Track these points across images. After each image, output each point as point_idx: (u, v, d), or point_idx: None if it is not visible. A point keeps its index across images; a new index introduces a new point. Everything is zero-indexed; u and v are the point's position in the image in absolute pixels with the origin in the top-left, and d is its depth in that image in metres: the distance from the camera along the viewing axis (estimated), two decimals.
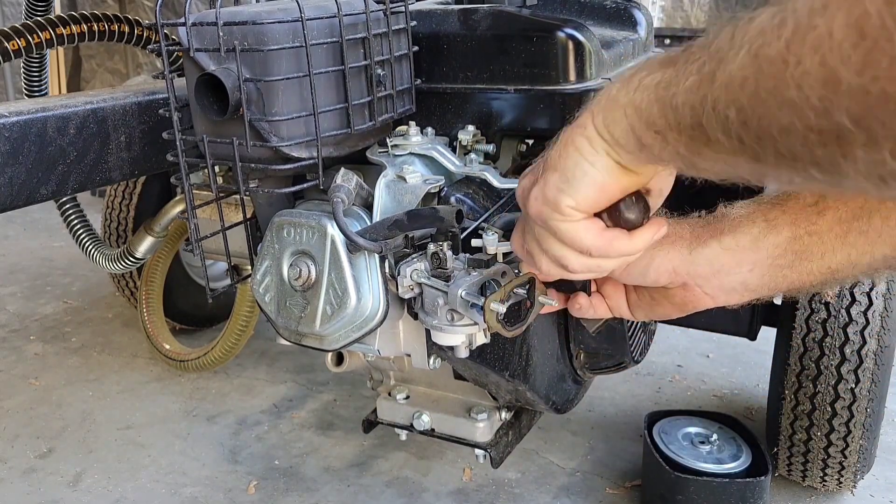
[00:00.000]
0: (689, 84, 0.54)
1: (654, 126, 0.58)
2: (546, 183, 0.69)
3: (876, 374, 1.56)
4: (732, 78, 0.49)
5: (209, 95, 0.99)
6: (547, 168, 0.69)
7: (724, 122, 0.50)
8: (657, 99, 0.58)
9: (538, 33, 1.11)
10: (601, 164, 0.65)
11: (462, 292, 0.92)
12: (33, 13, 1.69)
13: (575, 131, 0.67)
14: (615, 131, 0.63)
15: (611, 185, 0.67)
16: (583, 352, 1.31)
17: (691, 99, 0.53)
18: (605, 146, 0.64)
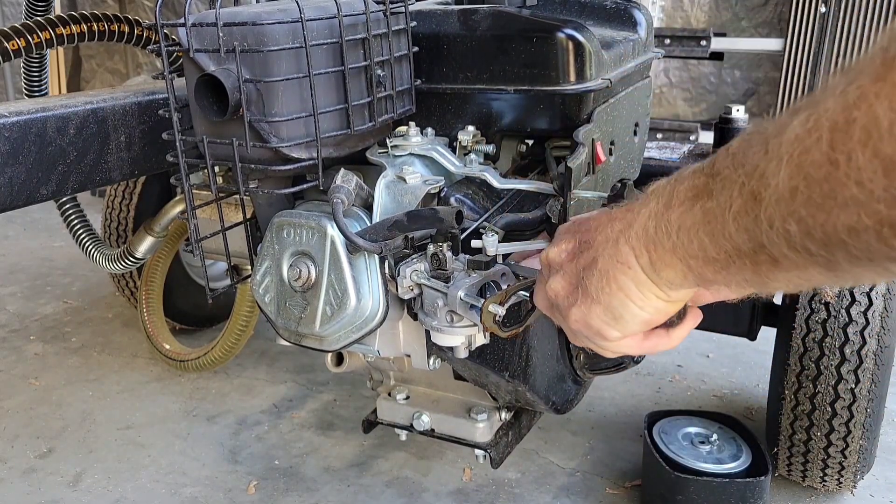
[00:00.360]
0: (735, 209, 0.52)
1: (713, 262, 0.57)
2: (589, 313, 0.68)
3: (876, 375, 1.56)
4: (781, 191, 0.48)
5: (209, 96, 0.99)
6: (588, 296, 0.68)
7: (787, 237, 0.49)
8: (707, 235, 0.56)
9: (538, 34, 1.11)
10: (651, 306, 0.65)
11: (461, 293, 0.92)
12: (33, 13, 1.69)
13: (617, 268, 0.65)
14: (668, 275, 0.62)
15: (660, 319, 0.67)
16: (582, 352, 1.31)
17: (744, 223, 0.52)
18: (656, 290, 0.64)
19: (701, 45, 3.11)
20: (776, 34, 3.19)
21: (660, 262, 0.61)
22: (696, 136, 3.30)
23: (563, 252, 0.73)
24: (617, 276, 0.65)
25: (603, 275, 0.66)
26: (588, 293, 0.68)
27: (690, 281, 0.61)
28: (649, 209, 0.62)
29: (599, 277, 0.66)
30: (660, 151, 1.93)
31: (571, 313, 0.70)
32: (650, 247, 0.62)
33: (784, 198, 0.47)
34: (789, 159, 0.46)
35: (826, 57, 3.07)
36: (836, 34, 2.94)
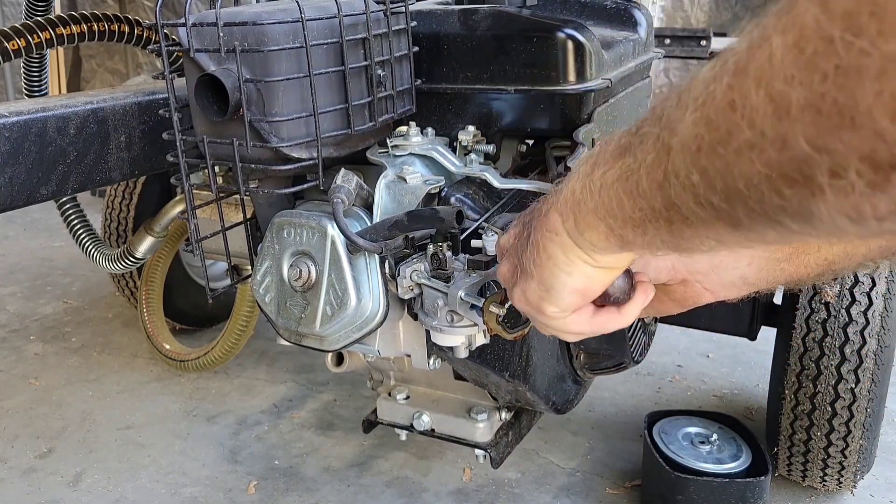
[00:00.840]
0: (648, 163, 0.51)
1: (631, 221, 0.56)
2: (527, 288, 0.68)
3: (876, 374, 1.56)
4: (686, 141, 0.47)
5: (209, 96, 1.00)
6: (524, 271, 0.68)
7: (693, 191, 0.48)
8: (625, 193, 0.55)
9: (538, 34, 1.11)
10: (579, 272, 0.64)
11: (462, 293, 0.92)
12: (33, 13, 1.69)
13: (546, 237, 0.64)
14: (591, 237, 0.61)
15: (592, 287, 0.66)
16: (583, 352, 1.31)
17: (655, 177, 0.51)
18: (581, 254, 0.63)
19: (701, 45, 3.11)
20: None
21: (583, 223, 0.60)
22: None
23: (510, 237, 0.73)
24: (546, 244, 0.64)
25: (535, 247, 0.66)
26: (525, 270, 0.68)
27: (613, 243, 0.60)
28: (578, 172, 0.61)
29: (532, 250, 0.66)
30: None
31: (514, 294, 0.70)
32: (575, 209, 0.61)
33: (688, 146, 0.47)
34: (695, 106, 0.45)
35: None
36: None
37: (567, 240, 0.63)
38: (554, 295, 0.66)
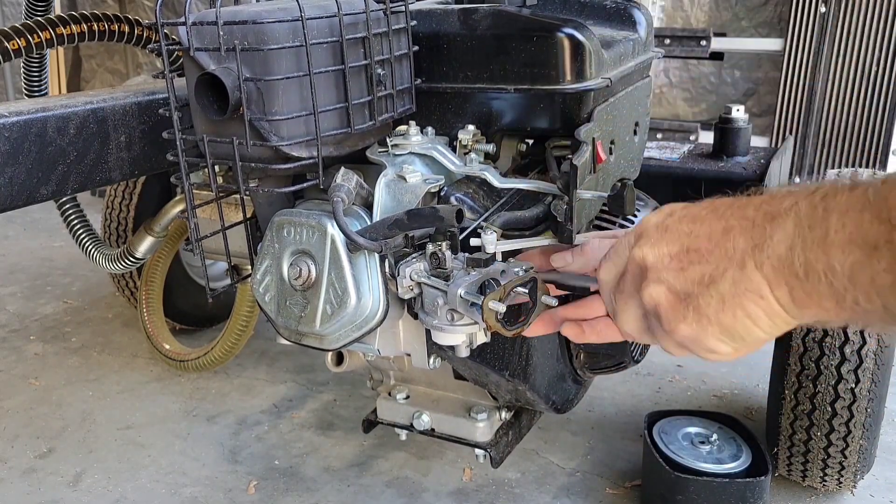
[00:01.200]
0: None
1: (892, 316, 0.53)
2: (704, 333, 0.64)
3: (876, 374, 1.56)
4: None
5: (209, 95, 0.99)
6: (702, 315, 0.63)
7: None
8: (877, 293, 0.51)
9: (538, 33, 1.11)
10: (778, 331, 0.61)
11: (461, 291, 0.92)
12: (33, 13, 1.69)
13: (745, 296, 0.59)
14: (815, 314, 0.57)
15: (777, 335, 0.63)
16: (583, 352, 1.31)
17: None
18: (791, 321, 0.59)
19: (701, 45, 3.11)
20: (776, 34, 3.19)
21: (808, 302, 0.56)
22: (696, 136, 3.30)
23: (664, 257, 0.66)
24: (744, 303, 0.60)
25: (725, 299, 0.61)
26: (702, 313, 0.63)
27: (843, 319, 0.56)
28: (787, 235, 0.56)
29: (720, 300, 0.61)
30: (660, 151, 1.93)
31: (679, 329, 0.65)
32: (794, 284, 0.56)
33: None
34: None
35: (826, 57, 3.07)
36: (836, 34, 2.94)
37: (776, 307, 0.59)
38: (740, 344, 0.64)
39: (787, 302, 0.58)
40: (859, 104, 3.05)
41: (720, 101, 3.42)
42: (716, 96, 3.47)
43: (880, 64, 2.97)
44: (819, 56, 3.08)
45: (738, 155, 1.89)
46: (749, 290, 0.59)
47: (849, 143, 3.08)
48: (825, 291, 0.54)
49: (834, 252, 0.53)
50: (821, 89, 3.11)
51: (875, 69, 2.98)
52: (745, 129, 1.89)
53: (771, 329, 0.61)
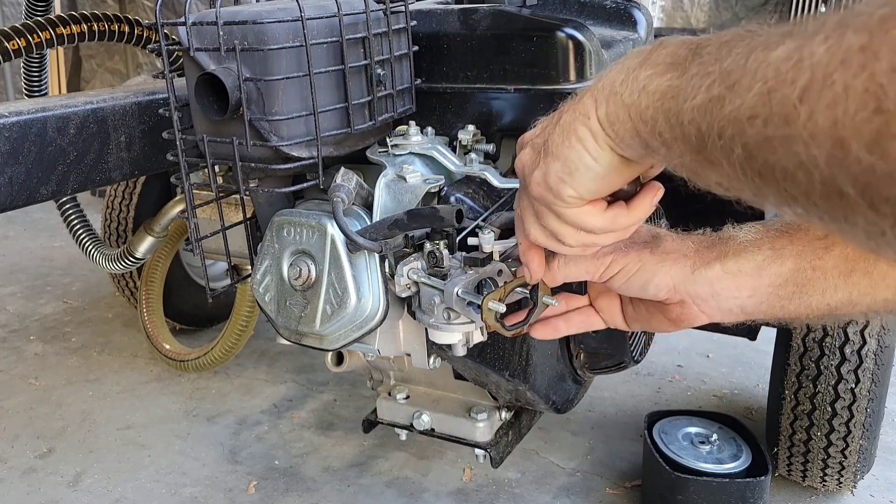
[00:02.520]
0: (696, 102, 0.52)
1: (659, 136, 0.57)
2: (548, 170, 0.68)
3: (876, 374, 1.56)
4: (741, 111, 0.47)
5: (209, 95, 1.00)
6: (548, 153, 0.68)
7: (728, 153, 0.49)
8: (663, 110, 0.56)
9: (538, 33, 1.11)
10: (605, 159, 0.64)
11: (458, 290, 0.92)
12: (33, 13, 1.69)
13: (577, 119, 0.65)
14: (619, 130, 0.62)
15: (614, 177, 0.66)
16: (583, 351, 1.31)
17: (698, 120, 0.52)
18: (609, 142, 0.63)
19: None
20: None
21: (614, 114, 0.61)
22: None
23: (536, 131, 0.73)
24: (576, 126, 0.65)
25: (564, 128, 0.66)
26: (549, 151, 0.68)
27: (637, 143, 0.61)
28: (623, 64, 0.62)
29: (560, 132, 0.66)
30: None
31: (533, 177, 0.70)
32: (610, 98, 0.62)
33: (741, 119, 0.47)
34: (762, 87, 0.46)
35: None
36: None
37: (597, 125, 0.63)
38: (576, 178, 0.66)
39: (604, 117, 0.63)
40: None
41: None
42: None
43: None
44: None
45: None
46: (580, 113, 0.65)
47: None
48: (626, 100, 0.60)
49: (646, 67, 0.59)
50: None
51: None
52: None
53: (596, 152, 0.64)
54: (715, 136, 0.50)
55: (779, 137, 0.44)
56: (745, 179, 0.49)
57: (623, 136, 0.62)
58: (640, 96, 0.58)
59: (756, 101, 0.46)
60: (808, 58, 0.43)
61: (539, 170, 0.69)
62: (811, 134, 0.41)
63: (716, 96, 0.50)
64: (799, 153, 0.43)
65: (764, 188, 0.48)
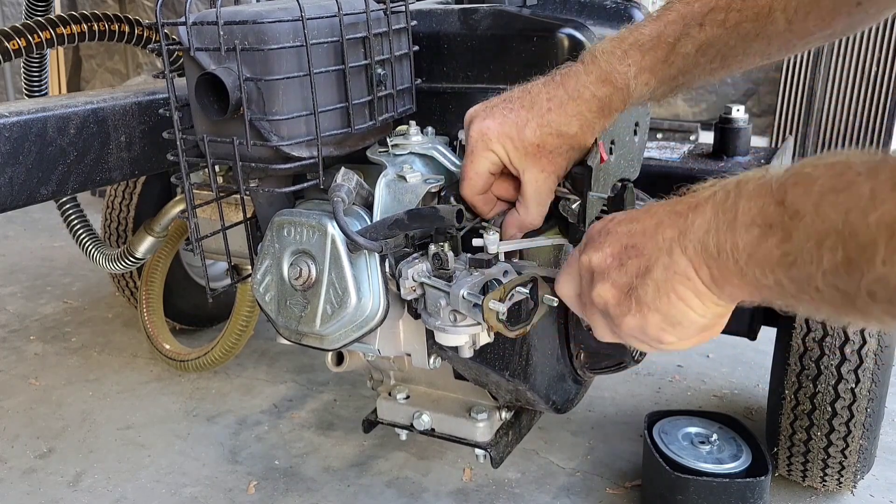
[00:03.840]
0: (826, 267, 0.52)
1: (791, 296, 0.57)
2: (646, 322, 0.68)
3: (876, 374, 1.56)
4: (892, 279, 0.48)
5: (209, 95, 0.99)
6: (643, 305, 0.68)
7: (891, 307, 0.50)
8: (787, 277, 0.56)
9: (538, 33, 1.11)
10: (711, 314, 0.65)
11: (464, 292, 0.92)
12: (33, 13, 1.69)
13: (675, 279, 0.64)
14: (732, 292, 0.62)
15: (718, 323, 0.68)
16: (583, 351, 1.31)
17: (837, 284, 0.52)
18: (717, 300, 0.64)
19: None
20: None
21: (723, 281, 0.61)
22: (696, 136, 3.30)
23: (608, 257, 0.71)
24: (675, 286, 0.64)
25: (660, 285, 0.66)
26: (643, 302, 0.67)
27: (757, 299, 0.61)
28: (706, 220, 0.61)
29: (655, 288, 0.66)
30: (660, 151, 1.93)
31: (625, 322, 0.70)
32: (711, 263, 0.61)
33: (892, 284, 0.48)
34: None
35: (826, 57, 3.07)
36: None
37: (702, 287, 0.63)
38: (680, 330, 0.67)
39: (709, 281, 0.63)
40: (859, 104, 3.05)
41: (720, 101, 3.42)
42: (716, 96, 3.47)
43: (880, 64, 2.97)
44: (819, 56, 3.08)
45: (738, 155, 1.89)
46: (677, 274, 0.64)
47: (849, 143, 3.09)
48: (733, 268, 0.60)
49: (739, 231, 0.59)
50: (821, 89, 3.11)
51: (875, 69, 2.98)
52: (745, 130, 1.89)
53: (703, 310, 0.65)
54: (865, 298, 0.51)
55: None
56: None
57: (737, 296, 0.62)
58: (749, 265, 0.58)
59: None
60: None
61: (633, 318, 0.69)
62: None
63: (846, 259, 0.51)
64: None
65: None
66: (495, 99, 0.94)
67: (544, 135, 0.90)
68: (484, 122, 0.93)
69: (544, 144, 0.90)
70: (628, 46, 0.89)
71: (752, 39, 0.86)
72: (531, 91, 0.92)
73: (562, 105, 0.90)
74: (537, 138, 0.90)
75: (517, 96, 0.93)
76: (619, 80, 0.88)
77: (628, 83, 0.89)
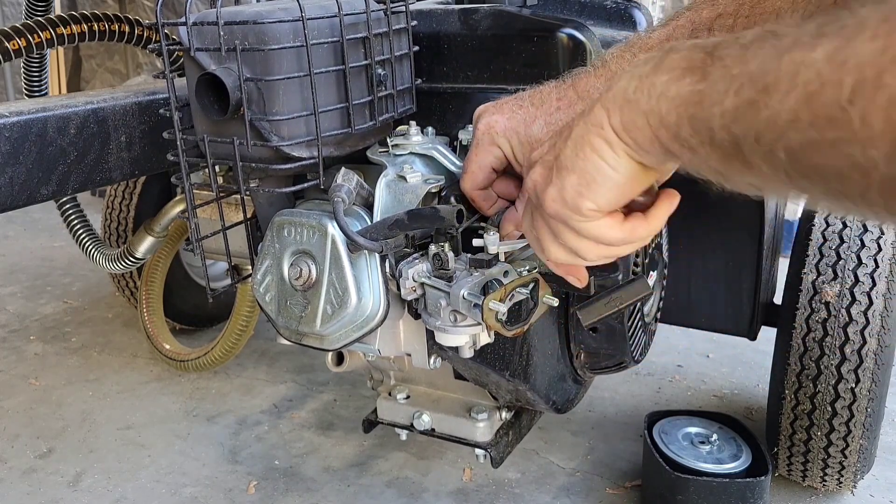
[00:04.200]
0: (726, 107, 0.51)
1: (684, 141, 0.56)
2: (563, 184, 0.67)
3: (876, 374, 1.56)
4: (781, 116, 0.46)
5: (210, 95, 0.99)
6: (562, 167, 0.67)
7: (769, 157, 0.48)
8: (688, 116, 0.55)
9: (538, 33, 1.11)
10: (623, 167, 0.63)
11: (464, 292, 0.92)
12: (33, 13, 1.69)
13: (591, 131, 0.63)
14: (637, 137, 0.60)
15: (633, 185, 0.65)
16: (583, 351, 1.31)
17: (730, 125, 0.50)
18: (627, 150, 0.62)
19: None
20: None
21: (630, 122, 0.60)
22: None
23: (545, 148, 0.72)
24: (590, 138, 0.63)
25: (576, 141, 0.65)
26: (562, 165, 0.67)
27: (656, 149, 0.59)
28: (634, 72, 0.61)
29: (573, 145, 0.65)
30: None
31: (548, 195, 0.68)
32: (624, 106, 0.60)
33: (781, 124, 0.46)
34: (802, 89, 0.44)
35: None
36: None
37: (612, 135, 0.62)
38: (595, 189, 0.65)
39: (618, 125, 0.61)
40: None
41: None
42: None
43: None
44: None
45: None
46: (593, 124, 0.63)
47: None
48: (644, 107, 0.58)
49: (660, 73, 0.57)
50: None
51: None
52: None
53: (615, 161, 0.63)
54: (752, 141, 0.49)
55: (828, 140, 0.43)
56: (789, 181, 0.48)
57: (641, 143, 0.61)
58: (659, 102, 0.57)
59: (797, 105, 0.45)
60: (852, 58, 0.41)
61: (553, 186, 0.68)
62: (868, 137, 0.41)
63: (748, 100, 0.49)
64: (853, 154, 0.42)
65: (811, 188, 0.47)
66: (506, 97, 0.96)
67: (551, 132, 0.90)
68: (492, 116, 0.94)
69: None
70: (637, 50, 0.91)
71: None
72: (542, 91, 0.94)
73: (571, 105, 0.90)
74: (544, 135, 0.90)
75: (527, 95, 0.94)
76: None
77: None
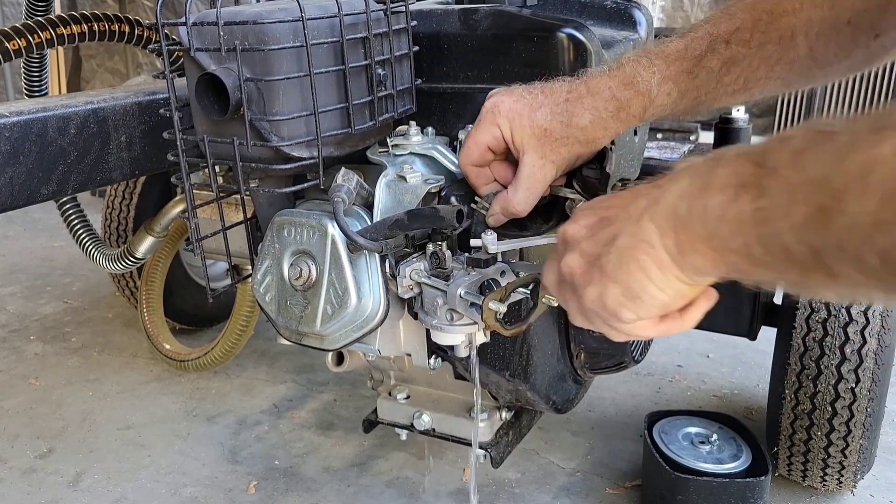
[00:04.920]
0: (796, 220, 0.49)
1: (757, 262, 0.54)
2: (605, 292, 0.66)
3: (876, 374, 1.56)
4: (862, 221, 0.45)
5: (210, 95, 1.00)
6: (605, 274, 0.65)
7: (859, 263, 0.46)
8: (756, 236, 0.52)
9: (539, 33, 1.11)
10: (671, 289, 0.62)
11: (461, 291, 0.92)
12: (33, 13, 1.69)
13: (639, 247, 0.62)
14: (696, 262, 0.59)
15: (678, 302, 0.65)
16: (583, 351, 1.31)
17: (807, 238, 0.49)
18: (679, 273, 0.61)
19: None
20: None
21: (688, 247, 0.58)
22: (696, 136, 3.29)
23: (582, 228, 0.70)
24: (637, 255, 0.62)
25: (622, 253, 0.63)
26: (605, 272, 0.65)
27: (720, 270, 0.58)
28: (680, 187, 0.59)
29: (618, 255, 0.64)
30: (660, 151, 1.93)
31: (587, 292, 0.67)
32: (678, 229, 0.58)
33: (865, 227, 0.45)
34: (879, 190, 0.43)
35: None
36: None
37: (664, 257, 0.61)
38: (638, 305, 0.64)
39: (673, 249, 0.60)
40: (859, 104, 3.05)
41: None
42: None
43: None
44: None
45: None
46: (642, 241, 0.62)
47: None
48: (700, 232, 0.57)
49: (711, 193, 0.55)
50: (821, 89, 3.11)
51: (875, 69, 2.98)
52: (745, 130, 1.89)
53: (663, 283, 0.62)
54: (835, 251, 0.47)
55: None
56: (885, 284, 0.47)
57: (700, 267, 0.59)
58: (719, 226, 0.55)
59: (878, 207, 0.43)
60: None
61: (594, 287, 0.67)
62: None
63: (818, 208, 0.47)
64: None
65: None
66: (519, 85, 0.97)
67: (555, 121, 0.91)
68: (500, 97, 0.95)
69: (552, 130, 0.91)
70: (654, 56, 0.91)
71: (775, 63, 0.86)
72: (553, 83, 0.95)
73: (580, 98, 0.91)
74: (547, 122, 0.91)
75: (539, 85, 0.96)
76: (641, 86, 0.89)
77: (651, 89, 0.89)
